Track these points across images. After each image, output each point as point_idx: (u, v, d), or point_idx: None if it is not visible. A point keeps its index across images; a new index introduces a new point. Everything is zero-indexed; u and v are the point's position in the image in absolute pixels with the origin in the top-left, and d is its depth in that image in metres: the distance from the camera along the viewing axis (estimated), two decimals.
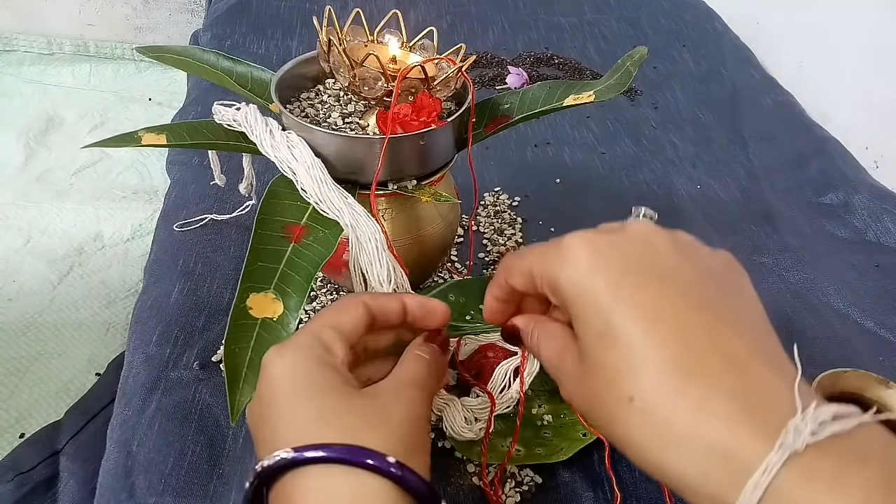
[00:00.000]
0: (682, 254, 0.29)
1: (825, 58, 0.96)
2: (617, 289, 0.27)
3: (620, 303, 0.27)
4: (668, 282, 0.27)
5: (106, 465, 0.47)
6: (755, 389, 0.24)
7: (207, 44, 0.99)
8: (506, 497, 0.45)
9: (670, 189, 0.76)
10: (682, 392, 0.25)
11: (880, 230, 0.71)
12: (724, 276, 0.29)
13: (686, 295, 0.27)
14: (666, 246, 0.29)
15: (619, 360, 0.27)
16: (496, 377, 0.46)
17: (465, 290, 0.57)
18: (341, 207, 0.44)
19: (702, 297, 0.27)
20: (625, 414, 0.26)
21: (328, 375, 0.33)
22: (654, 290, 0.27)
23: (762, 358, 0.25)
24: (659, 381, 0.25)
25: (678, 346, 0.26)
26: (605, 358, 0.27)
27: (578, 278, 0.29)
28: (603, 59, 1.01)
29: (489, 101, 0.54)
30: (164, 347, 0.54)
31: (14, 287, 1.10)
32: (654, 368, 0.26)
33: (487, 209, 0.70)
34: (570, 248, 0.29)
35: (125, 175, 1.36)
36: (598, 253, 0.29)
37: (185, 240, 0.64)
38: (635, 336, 0.26)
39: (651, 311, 0.27)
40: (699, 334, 0.26)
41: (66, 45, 1.67)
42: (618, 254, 0.29)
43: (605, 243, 0.29)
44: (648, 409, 0.25)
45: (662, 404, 0.25)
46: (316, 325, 0.35)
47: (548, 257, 0.30)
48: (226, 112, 0.49)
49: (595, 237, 0.29)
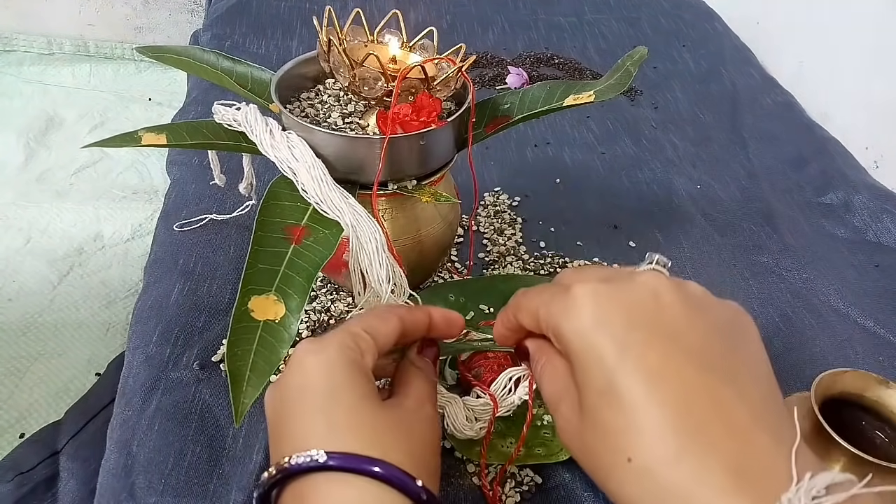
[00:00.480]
0: (690, 310, 0.29)
1: (825, 58, 0.96)
2: (622, 347, 0.27)
3: (625, 362, 0.27)
4: (674, 341, 0.27)
5: (106, 465, 0.47)
6: (753, 460, 0.25)
7: (207, 44, 0.99)
8: (506, 497, 0.45)
9: (670, 189, 0.76)
10: (680, 458, 0.25)
11: (880, 230, 0.71)
12: (732, 332, 0.29)
13: (692, 356, 0.27)
14: (674, 301, 0.29)
15: (620, 419, 0.27)
16: (500, 381, 0.46)
17: (465, 290, 0.57)
18: (342, 207, 0.44)
19: (708, 358, 0.27)
20: (622, 472, 0.26)
21: (361, 382, 0.33)
22: (659, 349, 0.27)
23: (763, 424, 0.25)
24: (659, 444, 0.25)
25: (680, 410, 0.26)
26: (606, 415, 0.27)
27: (584, 331, 0.28)
28: (603, 59, 1.01)
29: (489, 101, 0.54)
30: (164, 347, 0.54)
31: (14, 287, 1.10)
32: (654, 431, 0.26)
33: (487, 209, 0.70)
34: (576, 298, 0.29)
35: (125, 175, 1.36)
36: (605, 306, 0.28)
37: (185, 240, 0.64)
38: (638, 397, 0.26)
39: (655, 372, 0.26)
40: (702, 398, 0.26)
41: (66, 45, 1.67)
42: (624, 308, 0.28)
43: (611, 295, 0.29)
44: (646, 470, 0.25)
45: (661, 468, 0.25)
46: (355, 327, 0.35)
47: (554, 305, 0.30)
48: (226, 112, 0.49)
49: (602, 288, 0.29)
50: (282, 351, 0.39)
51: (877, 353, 0.58)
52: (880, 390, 0.42)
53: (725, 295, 0.30)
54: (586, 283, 0.29)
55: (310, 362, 0.33)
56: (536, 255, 0.65)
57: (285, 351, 0.39)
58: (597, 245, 0.67)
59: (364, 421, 0.32)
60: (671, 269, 0.32)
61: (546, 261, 0.64)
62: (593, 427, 0.28)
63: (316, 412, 0.32)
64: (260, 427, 0.49)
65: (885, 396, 0.41)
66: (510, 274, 0.62)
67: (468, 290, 0.57)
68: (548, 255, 0.65)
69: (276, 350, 0.39)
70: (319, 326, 0.56)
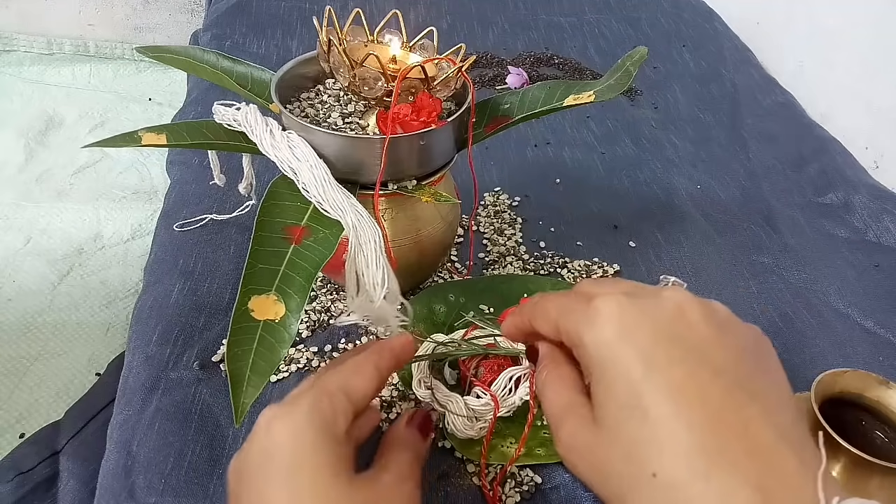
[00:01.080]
0: (716, 328, 0.28)
1: (825, 58, 0.96)
2: (649, 362, 0.27)
3: (651, 376, 0.26)
4: (700, 358, 0.27)
5: (106, 465, 0.47)
6: (781, 481, 0.24)
7: (207, 44, 0.99)
8: (505, 497, 0.45)
9: (670, 189, 0.76)
10: (707, 477, 0.24)
11: (880, 230, 0.71)
12: (757, 353, 0.29)
13: (718, 374, 0.27)
14: (700, 319, 0.28)
15: (645, 433, 0.26)
16: (500, 381, 0.46)
17: (465, 290, 0.57)
18: (344, 207, 0.44)
19: (734, 377, 0.27)
20: (646, 489, 0.26)
21: (331, 450, 0.31)
22: (686, 367, 0.27)
23: (789, 446, 0.25)
24: (686, 462, 0.25)
25: (707, 429, 0.25)
26: (629, 430, 0.27)
27: (608, 342, 0.28)
28: (603, 59, 1.01)
29: (489, 101, 0.54)
30: (164, 347, 0.54)
31: (14, 287, 1.10)
32: (681, 449, 0.25)
33: (487, 209, 0.70)
34: (600, 310, 0.28)
35: (125, 175, 1.36)
36: (630, 318, 0.28)
37: (185, 240, 0.64)
38: (665, 414, 0.26)
39: (682, 389, 0.26)
40: (729, 417, 0.25)
41: (66, 45, 1.67)
42: (650, 323, 0.28)
43: (637, 310, 0.28)
44: (672, 487, 0.25)
45: (687, 486, 0.25)
46: (327, 386, 0.33)
47: (575, 314, 0.29)
48: (226, 112, 0.49)
49: (627, 303, 0.28)
50: (282, 351, 0.39)
51: (877, 353, 0.58)
52: (880, 390, 0.42)
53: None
54: (611, 295, 0.29)
55: (276, 428, 0.31)
56: (536, 255, 0.65)
57: (285, 351, 0.39)
58: (597, 245, 0.67)
59: (331, 496, 0.30)
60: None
61: (546, 261, 0.64)
62: (613, 441, 0.27)
63: (280, 486, 0.30)
64: None
65: (885, 396, 0.41)
66: (510, 274, 0.62)
67: (468, 290, 0.58)
68: (548, 255, 0.65)
69: (276, 350, 0.39)
70: (319, 326, 0.56)
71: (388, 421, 0.49)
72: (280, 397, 0.50)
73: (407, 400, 0.50)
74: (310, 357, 0.54)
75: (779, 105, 0.93)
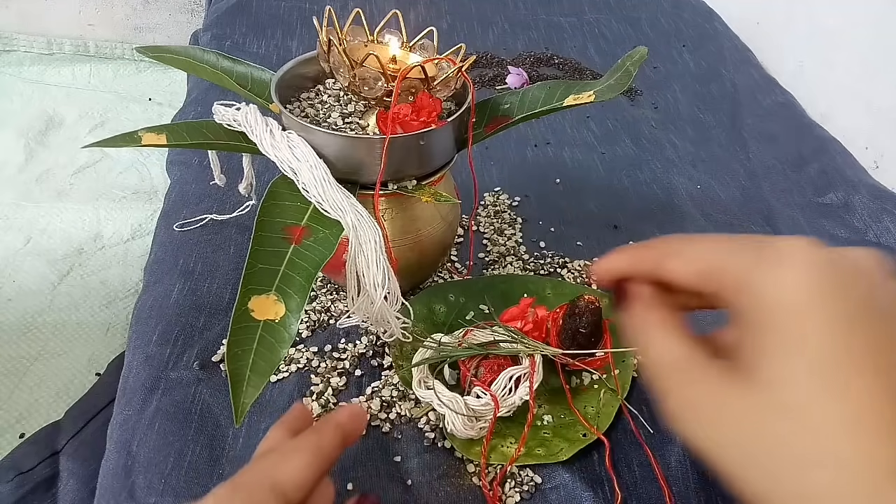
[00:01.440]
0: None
1: (825, 58, 0.96)
2: (833, 318, 0.24)
3: (835, 337, 0.24)
4: (885, 324, 0.24)
5: (106, 465, 0.47)
6: None
7: (207, 44, 0.99)
8: (506, 497, 0.45)
9: (670, 189, 0.76)
10: (878, 451, 0.22)
11: (880, 230, 0.71)
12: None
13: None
14: (892, 286, 0.25)
15: (837, 409, 0.23)
16: (500, 381, 0.46)
17: (466, 290, 0.57)
18: (344, 207, 0.44)
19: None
20: (817, 473, 0.23)
21: None
22: (872, 330, 0.24)
23: None
24: (864, 437, 0.23)
25: (887, 400, 0.23)
26: (815, 400, 0.23)
27: (795, 295, 0.25)
28: (603, 59, 1.01)
29: (489, 101, 0.54)
30: (164, 347, 0.54)
31: (14, 287, 1.10)
32: (860, 422, 0.23)
33: (487, 209, 0.70)
34: (791, 255, 0.25)
35: (125, 175, 1.36)
36: (826, 276, 0.25)
37: (185, 240, 0.64)
38: (848, 381, 0.23)
39: (865, 354, 0.24)
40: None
41: (66, 45, 1.67)
42: (844, 285, 0.25)
43: (831, 266, 0.25)
44: (844, 463, 0.23)
45: (860, 461, 0.22)
46: (252, 485, 0.29)
47: (745, 254, 0.26)
48: (226, 112, 0.49)
49: (820, 252, 0.25)
50: (282, 351, 0.39)
51: None
52: None
53: None
54: (801, 241, 0.26)
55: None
56: (536, 255, 0.65)
57: (285, 351, 0.39)
58: (597, 245, 0.67)
59: None
60: None
61: (546, 261, 0.64)
62: (766, 404, 0.24)
63: None
64: (260, 427, 0.49)
65: None
66: (510, 274, 0.62)
67: (468, 290, 0.58)
68: (548, 255, 0.65)
69: (276, 350, 0.39)
70: (319, 326, 0.56)
71: (387, 421, 0.49)
72: (280, 397, 0.51)
73: (407, 400, 0.50)
74: (310, 357, 0.54)
75: (779, 105, 0.93)
